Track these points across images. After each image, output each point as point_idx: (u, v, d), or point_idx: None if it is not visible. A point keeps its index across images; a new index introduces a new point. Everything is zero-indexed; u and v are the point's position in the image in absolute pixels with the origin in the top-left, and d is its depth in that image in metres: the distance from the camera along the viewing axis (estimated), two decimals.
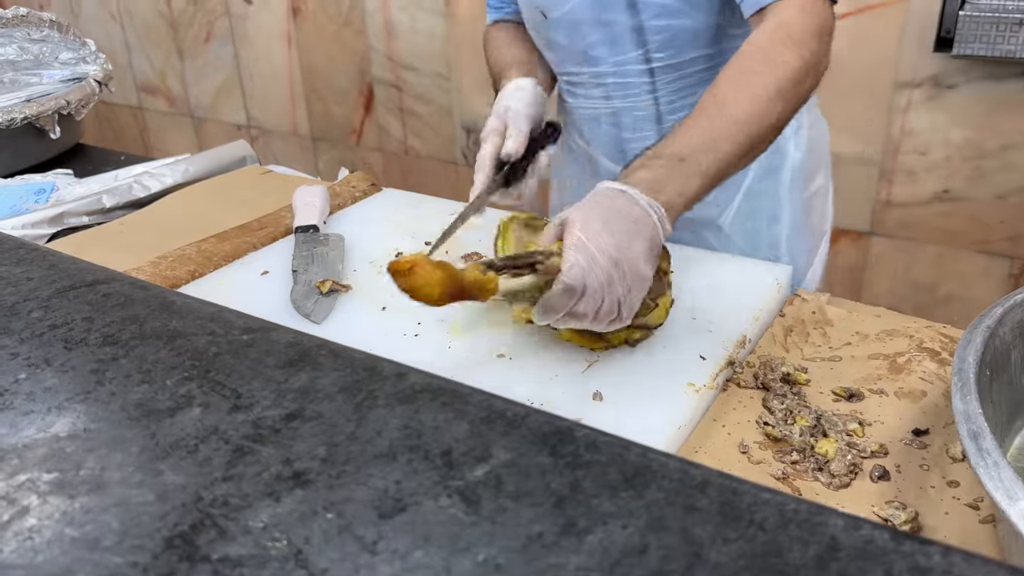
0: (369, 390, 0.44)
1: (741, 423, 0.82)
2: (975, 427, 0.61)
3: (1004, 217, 1.77)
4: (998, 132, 1.72)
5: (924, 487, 0.73)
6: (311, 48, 2.68)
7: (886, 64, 1.78)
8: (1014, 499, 0.55)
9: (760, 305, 0.96)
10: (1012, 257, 1.80)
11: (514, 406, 0.42)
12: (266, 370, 0.46)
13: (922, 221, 1.86)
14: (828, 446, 0.77)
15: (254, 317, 0.52)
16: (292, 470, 0.38)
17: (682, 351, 0.88)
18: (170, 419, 0.42)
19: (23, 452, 0.41)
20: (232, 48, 2.88)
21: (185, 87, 3.10)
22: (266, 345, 0.49)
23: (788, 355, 0.92)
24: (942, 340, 0.92)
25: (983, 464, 0.58)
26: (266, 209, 1.28)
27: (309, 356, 0.47)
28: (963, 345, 0.71)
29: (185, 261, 1.09)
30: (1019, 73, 1.66)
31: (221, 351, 0.48)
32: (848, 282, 2.01)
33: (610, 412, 0.80)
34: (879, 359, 0.90)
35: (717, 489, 0.37)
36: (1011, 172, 1.74)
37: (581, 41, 1.11)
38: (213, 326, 0.51)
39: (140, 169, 1.42)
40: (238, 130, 3.03)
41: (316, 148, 2.86)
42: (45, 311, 0.53)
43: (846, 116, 1.86)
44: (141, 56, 3.16)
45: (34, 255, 0.61)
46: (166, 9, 2.97)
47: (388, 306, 0.98)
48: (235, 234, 1.17)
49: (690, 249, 1.10)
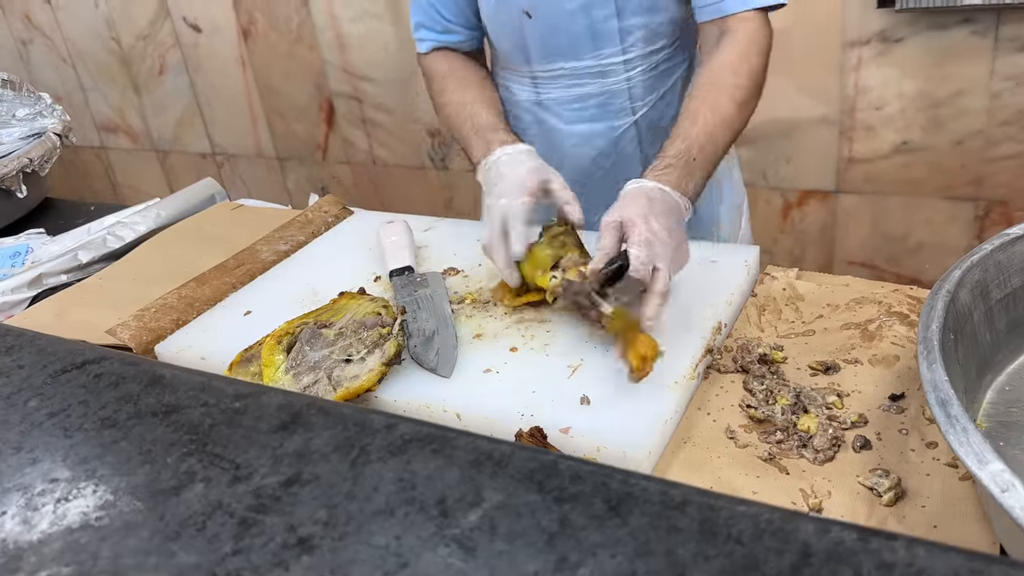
0: (361, 446, 0.46)
1: (725, 408, 0.85)
2: (943, 395, 0.64)
3: (964, 162, 1.81)
4: (949, 80, 1.76)
5: (904, 451, 0.77)
6: (266, 68, 2.68)
7: (833, 25, 1.80)
8: (984, 462, 0.58)
9: (732, 289, 0.99)
10: (976, 200, 1.84)
11: (500, 445, 0.45)
12: (260, 436, 0.48)
13: (885, 174, 1.90)
14: (810, 422, 0.80)
15: (242, 382, 0.54)
16: (296, 536, 0.41)
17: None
18: (175, 498, 0.45)
19: (39, 548, 0.43)
20: (187, 77, 2.87)
21: (145, 121, 3.09)
22: (257, 410, 0.51)
23: (763, 335, 0.95)
24: (910, 303, 0.95)
25: (952, 431, 0.61)
26: (241, 244, 1.29)
27: (300, 417, 0.49)
28: (925, 312, 0.74)
29: (167, 310, 1.10)
30: (962, 20, 1.69)
31: (216, 422, 0.50)
32: (821, 241, 2.04)
33: (598, 415, 0.82)
34: (851, 328, 0.93)
35: (696, 507, 0.39)
36: (965, 118, 1.77)
37: (565, 38, 1.15)
38: (205, 396, 0.53)
39: (112, 220, 1.43)
40: (203, 158, 3.03)
41: (283, 168, 2.86)
42: (41, 399, 0.55)
43: (800, 80, 1.89)
44: (97, 96, 3.15)
45: (21, 341, 0.63)
46: (116, 46, 2.96)
47: None
48: (213, 275, 1.19)
49: None
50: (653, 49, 1.17)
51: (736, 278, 1.01)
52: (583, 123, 1.23)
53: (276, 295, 1.12)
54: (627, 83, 1.19)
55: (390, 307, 0.97)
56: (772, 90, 1.91)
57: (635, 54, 1.17)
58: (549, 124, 1.25)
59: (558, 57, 1.18)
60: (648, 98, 1.21)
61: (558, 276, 0.94)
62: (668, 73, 1.21)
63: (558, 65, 1.19)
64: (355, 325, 0.94)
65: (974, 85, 1.74)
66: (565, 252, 0.96)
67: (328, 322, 0.95)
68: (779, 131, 1.96)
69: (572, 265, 0.94)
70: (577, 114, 1.23)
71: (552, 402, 0.85)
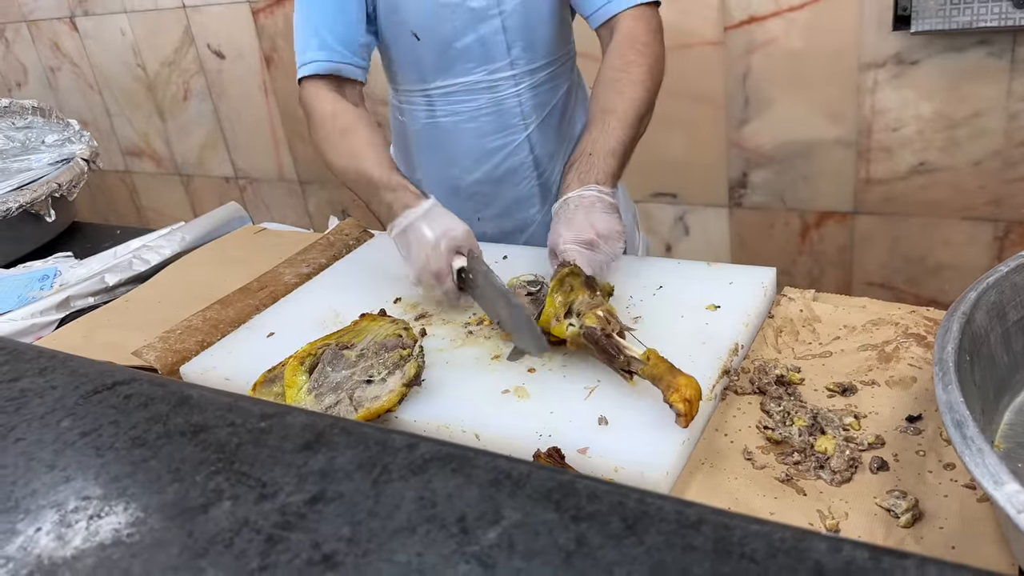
0: (383, 464, 0.47)
1: (742, 430, 0.85)
2: (958, 416, 0.64)
3: (983, 182, 1.81)
4: (966, 101, 1.76)
5: (922, 472, 0.77)
6: (288, 94, 2.72)
7: (848, 48, 1.82)
8: (999, 483, 0.58)
9: (748, 310, 0.99)
10: (996, 220, 1.83)
11: (518, 465, 0.46)
12: (285, 455, 0.50)
13: (903, 195, 1.90)
14: (827, 443, 0.80)
15: (268, 402, 0.55)
16: (321, 553, 0.42)
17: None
18: (204, 515, 0.46)
19: (73, 564, 0.44)
20: (211, 103, 2.93)
21: (170, 146, 3.15)
22: (282, 430, 0.52)
23: (780, 356, 0.96)
24: (927, 324, 0.95)
25: (968, 452, 0.61)
26: (264, 267, 1.32)
27: (324, 437, 0.51)
28: (941, 334, 0.74)
29: (192, 332, 1.12)
30: (978, 42, 1.70)
31: (243, 441, 0.52)
32: (839, 262, 2.04)
33: (617, 436, 0.83)
34: (868, 350, 0.93)
35: (711, 526, 0.40)
36: (983, 138, 1.77)
37: (455, 54, 1.23)
38: (232, 416, 0.54)
39: (137, 243, 1.46)
40: (226, 182, 3.08)
41: (305, 191, 2.90)
42: (73, 419, 0.57)
43: (817, 102, 1.90)
44: (123, 121, 3.21)
45: (54, 363, 0.65)
46: (141, 73, 3.02)
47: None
48: (237, 298, 1.21)
49: (672, 262, 1.14)
50: (539, 65, 1.27)
51: (753, 299, 1.01)
52: (477, 139, 1.30)
53: (298, 317, 1.14)
54: (517, 98, 1.28)
55: (411, 329, 0.99)
56: (789, 112, 1.94)
57: (522, 69, 1.26)
58: (445, 142, 1.32)
59: (449, 74, 1.26)
60: (538, 114, 1.31)
61: (575, 323, 0.92)
62: (555, 89, 1.31)
63: (450, 82, 1.26)
64: (376, 346, 0.95)
65: (991, 106, 1.74)
66: (575, 296, 0.94)
67: (350, 343, 0.96)
68: (797, 152, 1.97)
69: (587, 308, 0.92)
70: (472, 131, 1.30)
71: (570, 423, 0.85)
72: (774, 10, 1.86)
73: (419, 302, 1.14)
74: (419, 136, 1.36)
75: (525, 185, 1.36)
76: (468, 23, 1.21)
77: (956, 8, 1.65)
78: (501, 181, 1.35)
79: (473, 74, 1.26)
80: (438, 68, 1.26)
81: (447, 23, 1.21)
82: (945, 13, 1.66)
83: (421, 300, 1.14)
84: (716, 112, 2.02)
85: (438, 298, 1.09)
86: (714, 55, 1.95)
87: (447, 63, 1.25)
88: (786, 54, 1.88)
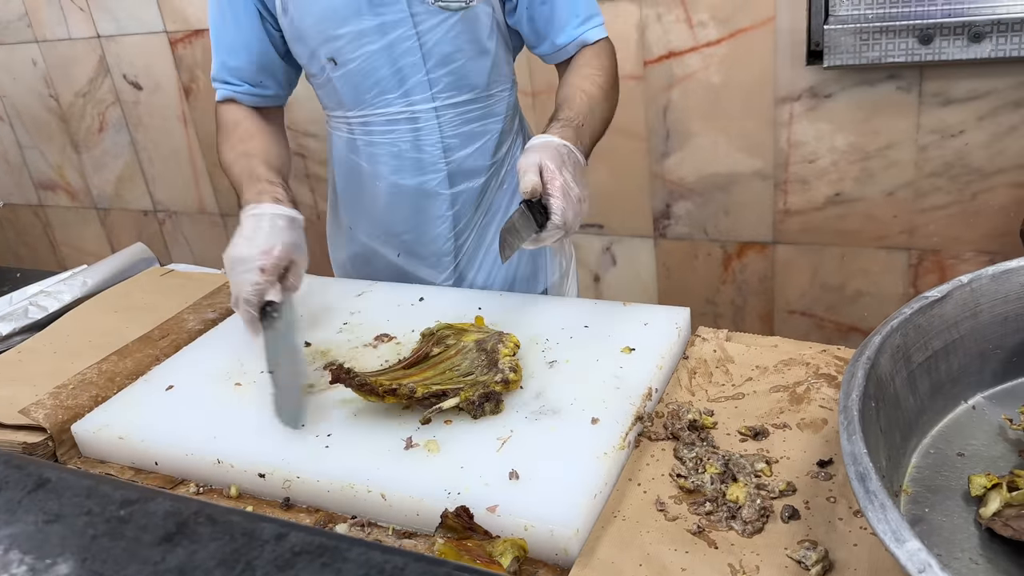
0: (247, 560, 0.44)
1: (656, 478, 0.84)
2: (862, 468, 0.64)
3: (896, 212, 1.85)
4: (878, 133, 1.81)
5: (832, 520, 0.76)
6: (208, 125, 2.65)
7: (764, 82, 1.85)
8: (901, 541, 0.57)
9: (663, 352, 0.98)
10: (909, 249, 1.88)
11: (393, 557, 0.43)
12: (143, 550, 0.45)
13: (821, 225, 1.93)
14: (738, 492, 0.79)
15: (132, 485, 0.51)
16: None
17: (589, 416, 0.89)
18: None
19: None
20: (127, 135, 2.84)
21: (85, 179, 3.04)
22: (143, 518, 0.48)
23: (694, 398, 0.95)
24: (836, 364, 0.96)
25: (871, 507, 0.60)
26: (168, 313, 1.26)
27: (187, 527, 0.47)
28: (846, 380, 0.73)
29: (87, 386, 1.06)
30: (887, 76, 1.75)
31: (98, 533, 0.47)
32: (761, 291, 2.07)
33: (528, 491, 0.80)
34: (780, 391, 0.93)
35: None
36: (895, 169, 1.82)
37: (372, 83, 1.19)
38: (90, 503, 0.50)
39: (35, 289, 1.39)
40: (145, 216, 2.98)
41: (226, 224, 2.82)
42: None
43: (736, 136, 1.93)
44: (35, 153, 3.08)
45: None
46: (54, 104, 2.91)
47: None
48: (136, 348, 1.15)
49: (590, 303, 1.12)
50: (463, 99, 1.23)
51: (667, 341, 1.00)
52: (395, 172, 1.26)
53: (200, 368, 1.08)
54: (439, 132, 1.23)
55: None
56: (710, 145, 1.96)
57: (444, 102, 1.22)
58: (364, 172, 1.29)
59: (366, 103, 1.22)
60: (460, 152, 1.25)
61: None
62: (482, 131, 1.26)
63: (368, 112, 1.23)
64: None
65: (902, 138, 1.79)
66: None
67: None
68: (717, 185, 1.99)
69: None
70: (390, 162, 1.26)
71: (480, 478, 0.82)
72: (692, 45, 1.88)
73: (329, 348, 1.10)
74: (341, 159, 1.33)
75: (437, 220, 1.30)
76: (384, 48, 1.17)
77: (866, 44, 1.69)
78: (413, 215, 1.30)
79: (392, 105, 1.22)
80: (356, 95, 1.23)
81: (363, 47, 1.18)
82: (856, 48, 1.70)
83: (332, 347, 1.10)
84: (639, 144, 2.03)
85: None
86: (636, 89, 1.97)
87: (364, 91, 1.22)
88: (705, 88, 1.91)
